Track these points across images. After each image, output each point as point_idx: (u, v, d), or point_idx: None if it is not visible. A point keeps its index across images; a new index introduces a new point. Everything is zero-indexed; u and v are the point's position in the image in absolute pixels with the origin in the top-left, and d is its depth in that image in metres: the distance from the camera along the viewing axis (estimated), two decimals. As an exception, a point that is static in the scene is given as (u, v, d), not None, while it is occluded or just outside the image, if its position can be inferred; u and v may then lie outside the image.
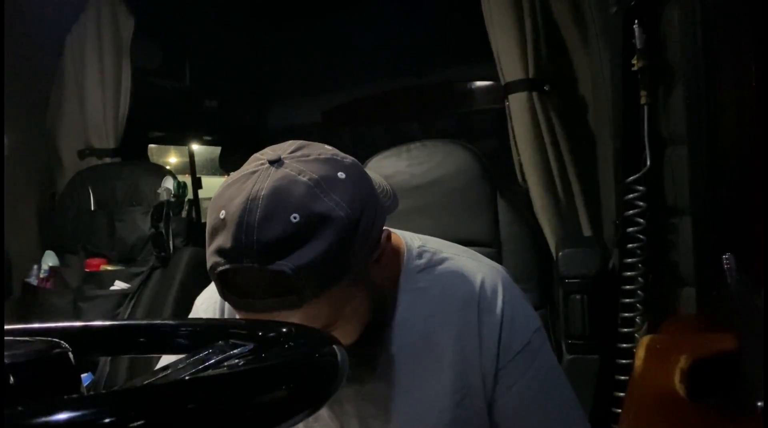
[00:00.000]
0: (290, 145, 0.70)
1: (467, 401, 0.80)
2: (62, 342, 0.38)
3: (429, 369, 0.80)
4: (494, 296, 0.80)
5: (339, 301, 0.69)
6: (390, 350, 0.80)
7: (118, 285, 2.10)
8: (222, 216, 0.64)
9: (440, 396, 0.79)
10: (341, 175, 0.67)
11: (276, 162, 0.66)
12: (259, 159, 0.68)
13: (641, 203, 1.19)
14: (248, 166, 0.69)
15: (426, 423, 0.80)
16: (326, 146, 0.72)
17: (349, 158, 0.71)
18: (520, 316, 0.81)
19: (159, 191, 2.18)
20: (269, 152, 0.69)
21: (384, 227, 0.75)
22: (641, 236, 1.20)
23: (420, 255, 0.83)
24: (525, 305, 0.84)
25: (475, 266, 0.84)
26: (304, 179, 0.64)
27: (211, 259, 0.66)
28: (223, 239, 0.64)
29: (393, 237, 0.80)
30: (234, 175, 0.69)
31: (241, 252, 0.62)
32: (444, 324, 0.80)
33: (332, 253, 0.63)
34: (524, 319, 0.81)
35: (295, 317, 0.65)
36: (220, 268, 0.64)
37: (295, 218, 0.62)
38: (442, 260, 0.84)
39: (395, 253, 0.82)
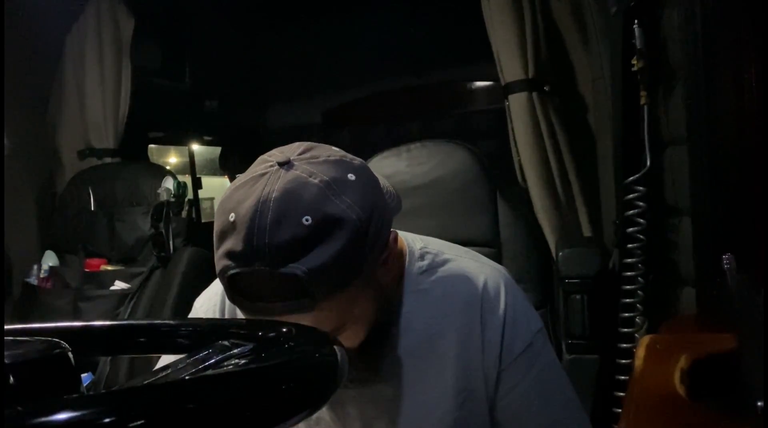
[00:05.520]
0: (298, 146, 0.69)
1: (470, 402, 0.79)
2: (62, 342, 0.38)
3: (432, 371, 0.80)
4: (497, 297, 0.80)
5: (349, 303, 0.69)
6: (393, 352, 0.80)
7: (118, 285, 2.09)
8: (231, 219, 0.63)
9: (443, 397, 0.79)
10: (351, 177, 0.66)
11: (285, 164, 0.65)
12: (267, 161, 0.67)
13: (641, 204, 1.18)
14: (256, 168, 0.67)
15: (429, 424, 0.80)
16: (334, 148, 0.71)
17: (357, 160, 0.71)
18: (522, 317, 0.81)
19: (159, 191, 2.18)
20: (277, 154, 0.68)
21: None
22: (641, 236, 1.20)
23: (422, 257, 0.83)
24: (527, 307, 0.84)
25: (477, 267, 0.84)
26: (315, 181, 0.63)
27: (220, 262, 0.65)
28: (234, 242, 0.63)
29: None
30: (242, 177, 0.68)
31: (253, 255, 0.62)
32: (447, 326, 0.80)
33: (344, 255, 0.62)
34: (526, 320, 0.81)
35: (305, 320, 0.63)
36: (231, 271, 0.63)
37: (307, 220, 0.61)
38: (444, 262, 0.84)
39: (399, 255, 0.82)
